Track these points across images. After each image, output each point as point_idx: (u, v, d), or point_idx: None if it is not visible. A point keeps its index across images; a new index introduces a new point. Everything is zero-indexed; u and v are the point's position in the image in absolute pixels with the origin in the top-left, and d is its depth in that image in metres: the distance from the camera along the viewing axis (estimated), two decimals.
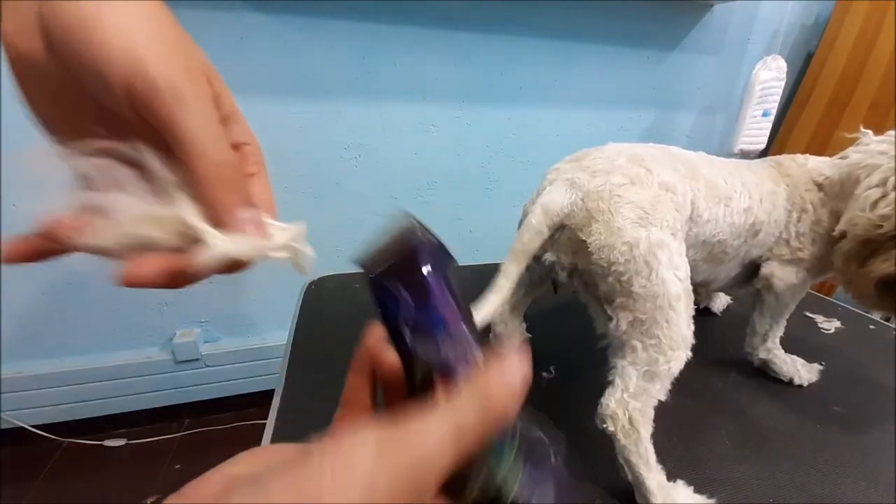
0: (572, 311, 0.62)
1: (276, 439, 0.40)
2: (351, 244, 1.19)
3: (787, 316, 0.51)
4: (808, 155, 0.52)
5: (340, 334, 0.55)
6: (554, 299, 0.46)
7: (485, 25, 1.06)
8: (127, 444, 1.14)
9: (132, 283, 0.17)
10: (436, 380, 0.17)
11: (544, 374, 0.50)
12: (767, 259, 0.50)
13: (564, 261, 0.39)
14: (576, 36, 1.14)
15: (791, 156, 0.52)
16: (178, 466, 1.10)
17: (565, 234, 0.38)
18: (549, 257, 0.39)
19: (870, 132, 0.46)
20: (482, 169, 1.21)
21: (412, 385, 0.19)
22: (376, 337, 0.19)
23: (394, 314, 0.18)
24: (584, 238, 0.36)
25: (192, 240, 0.18)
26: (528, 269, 0.46)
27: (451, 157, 1.16)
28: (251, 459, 0.16)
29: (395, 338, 0.19)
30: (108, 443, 1.13)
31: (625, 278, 0.35)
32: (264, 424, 0.42)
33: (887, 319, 1.14)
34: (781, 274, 0.49)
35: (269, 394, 0.46)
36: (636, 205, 0.36)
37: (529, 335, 0.55)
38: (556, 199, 0.37)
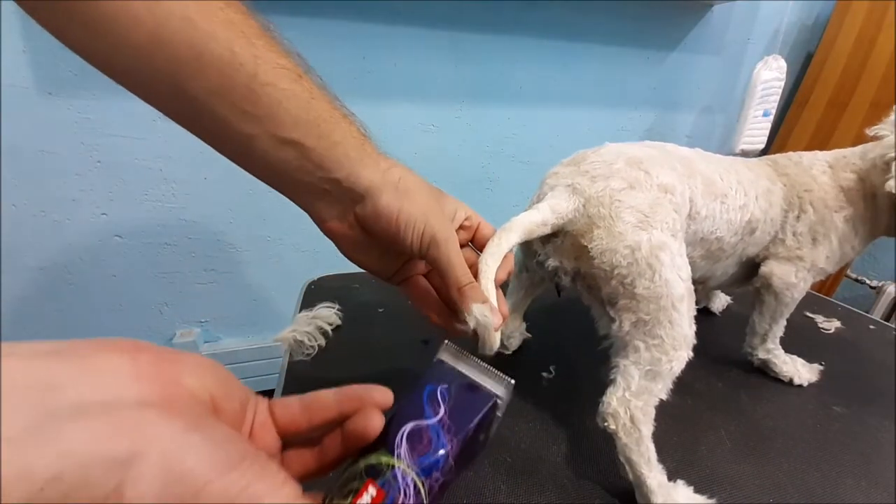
0: (572, 311, 0.62)
1: None
2: None
3: (786, 316, 0.51)
4: (801, 152, 0.51)
5: (340, 334, 0.55)
6: (554, 299, 0.46)
7: (485, 25, 1.06)
8: None
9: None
10: (364, 486, 0.17)
11: (544, 374, 0.50)
12: (765, 258, 0.50)
13: (567, 266, 0.39)
14: (576, 36, 1.14)
15: (786, 154, 0.52)
16: None
17: (568, 241, 0.38)
18: (551, 263, 0.39)
19: None
20: (482, 169, 1.21)
21: (347, 464, 0.19)
22: (379, 401, 0.21)
23: (420, 406, 0.19)
24: (585, 244, 0.36)
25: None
26: (529, 271, 0.46)
27: (451, 157, 1.16)
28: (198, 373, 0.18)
29: (408, 412, 0.19)
30: None
31: (628, 281, 0.35)
32: None
33: (887, 319, 1.14)
34: (780, 273, 0.48)
35: (269, 394, 0.45)
36: (636, 209, 0.36)
37: (529, 335, 0.55)
38: (562, 202, 0.37)
